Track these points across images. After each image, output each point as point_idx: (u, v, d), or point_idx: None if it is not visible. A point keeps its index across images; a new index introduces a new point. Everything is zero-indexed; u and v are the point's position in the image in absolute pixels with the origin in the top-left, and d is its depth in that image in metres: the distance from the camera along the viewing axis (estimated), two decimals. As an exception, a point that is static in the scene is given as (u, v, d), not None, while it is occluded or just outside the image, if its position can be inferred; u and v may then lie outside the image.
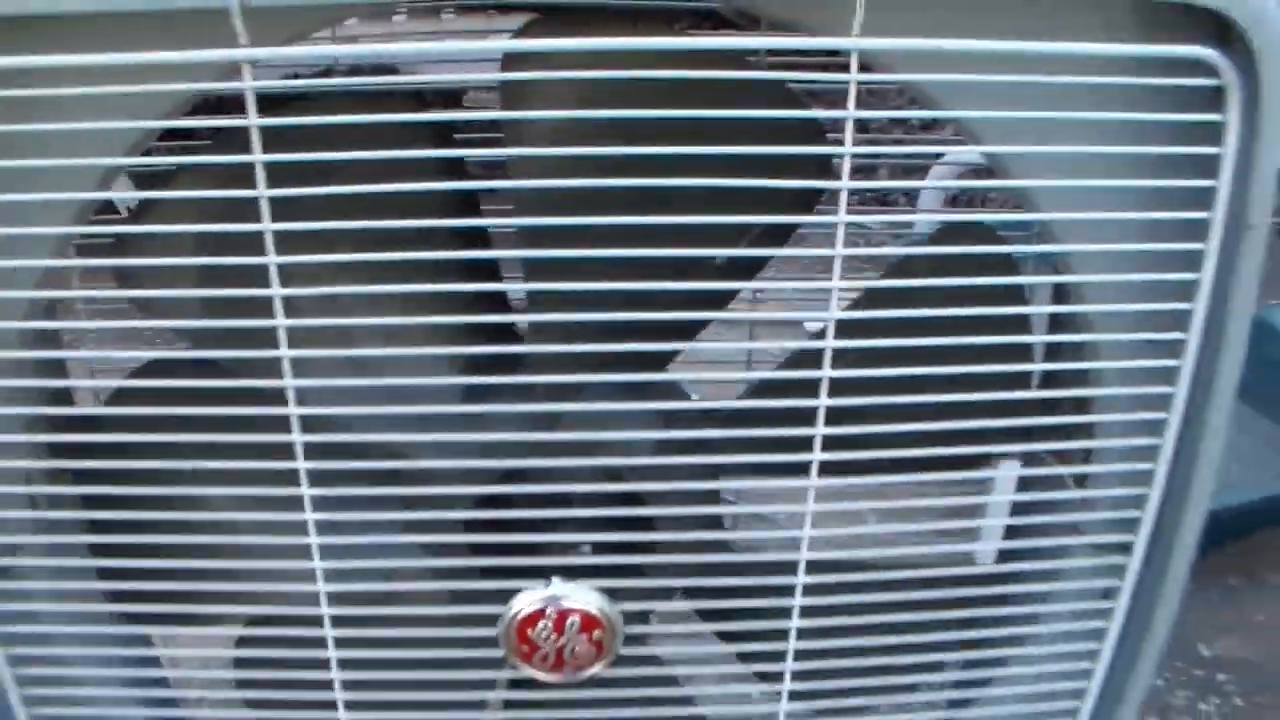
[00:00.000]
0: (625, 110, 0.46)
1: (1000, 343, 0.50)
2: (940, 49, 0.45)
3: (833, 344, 0.49)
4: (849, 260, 0.50)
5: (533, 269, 0.52)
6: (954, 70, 0.47)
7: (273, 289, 0.47)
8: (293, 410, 0.50)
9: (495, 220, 0.52)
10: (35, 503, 0.56)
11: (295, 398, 0.51)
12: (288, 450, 0.52)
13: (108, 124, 0.45)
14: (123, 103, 0.46)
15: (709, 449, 0.54)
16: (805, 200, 0.51)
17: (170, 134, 0.49)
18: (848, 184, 0.46)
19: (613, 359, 0.51)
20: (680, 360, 0.57)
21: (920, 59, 0.46)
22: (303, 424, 0.51)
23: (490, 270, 0.55)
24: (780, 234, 0.54)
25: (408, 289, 0.49)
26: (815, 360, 0.50)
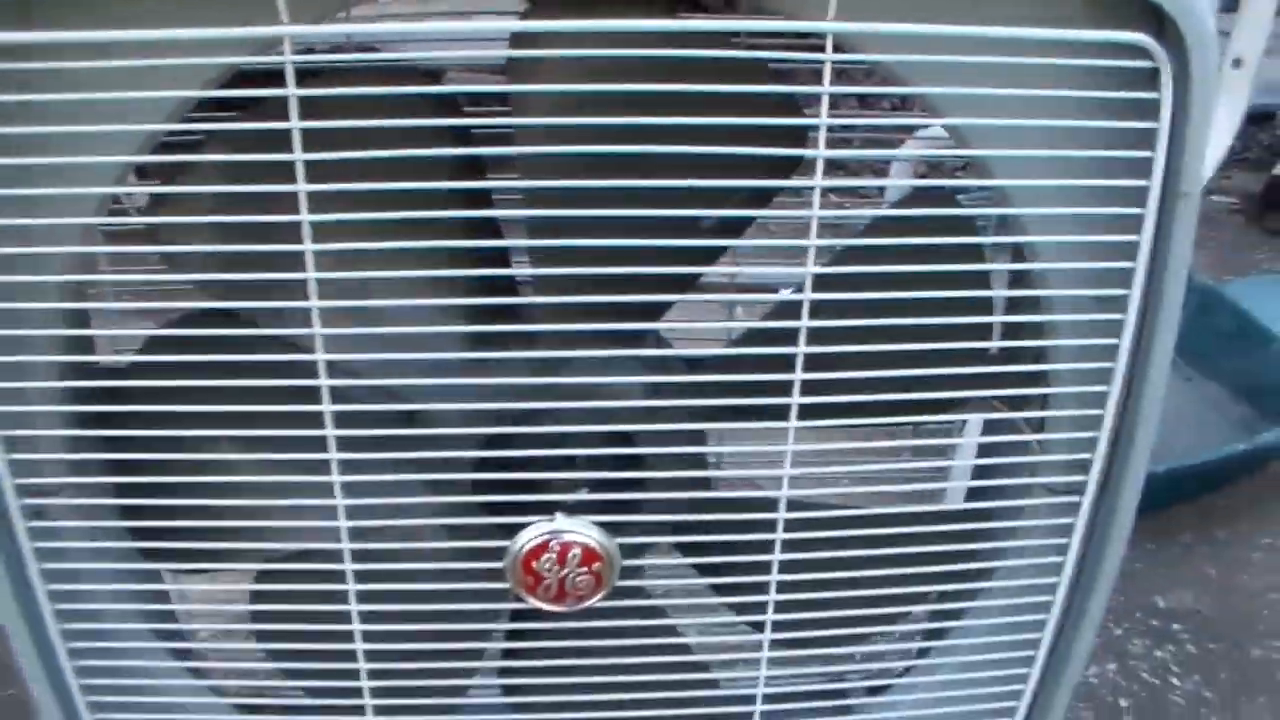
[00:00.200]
0: (619, 85, 0.51)
1: (960, 296, 0.56)
2: (908, 32, 0.50)
3: (809, 296, 0.54)
4: (823, 224, 0.55)
5: (535, 228, 0.57)
6: (921, 52, 0.52)
7: (305, 245, 0.52)
8: (320, 356, 0.55)
9: (499, 182, 0.56)
10: (70, 448, 0.61)
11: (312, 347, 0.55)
12: (312, 396, 0.57)
13: (155, 94, 0.50)
14: (166, 74, 0.50)
15: (696, 394, 0.59)
16: (784, 169, 0.56)
17: (200, 106, 0.54)
18: (823, 153, 0.51)
19: (608, 311, 0.56)
20: (671, 315, 0.62)
21: (889, 41, 0.51)
22: (328, 371, 0.56)
23: (495, 230, 0.60)
24: (761, 200, 0.59)
25: (421, 245, 0.54)
26: (794, 313, 0.55)
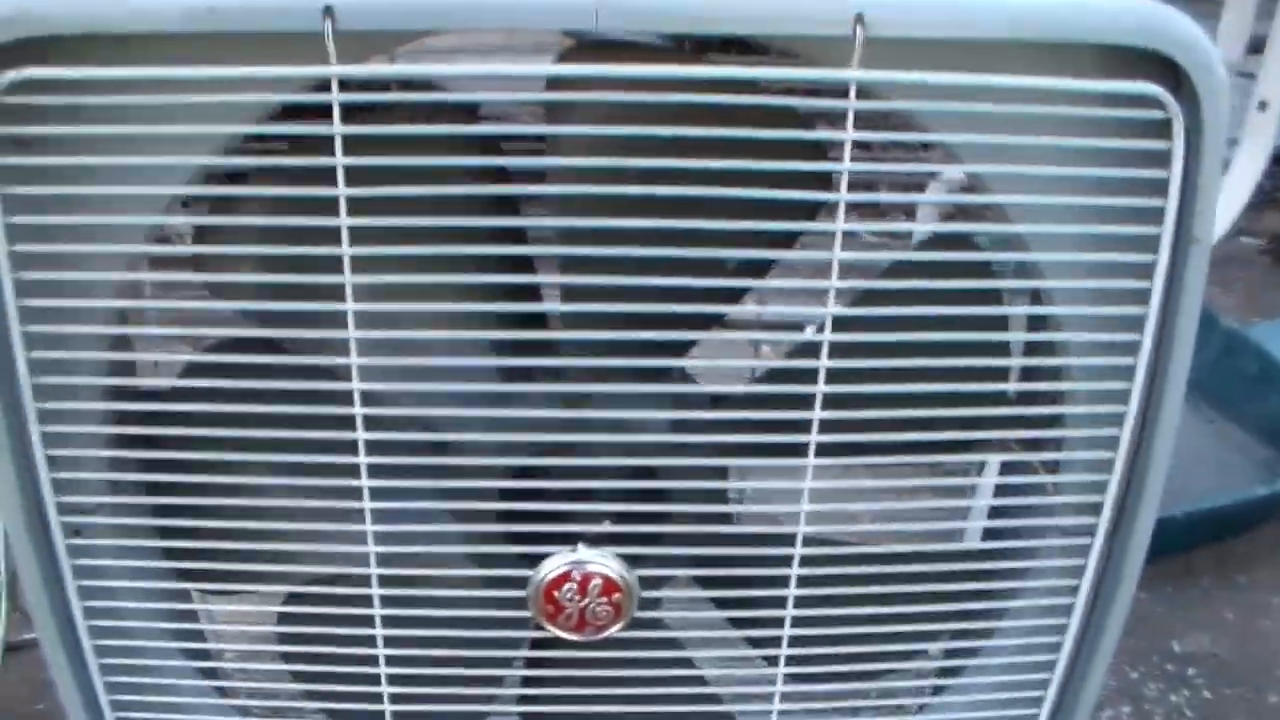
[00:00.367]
0: (651, 128, 0.53)
1: (975, 339, 0.57)
2: (929, 82, 0.52)
3: (828, 337, 0.55)
4: (847, 266, 0.57)
5: (566, 264, 0.59)
6: (941, 99, 0.54)
7: (345, 276, 0.54)
8: (355, 385, 0.57)
9: (532, 220, 0.58)
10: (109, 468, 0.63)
11: (348, 376, 0.57)
12: (346, 424, 0.59)
13: (209, 128, 0.52)
14: (215, 111, 0.53)
15: (718, 431, 0.61)
16: (808, 212, 0.58)
17: (248, 140, 0.56)
18: (845, 196, 0.53)
19: (635, 348, 0.58)
20: (695, 352, 0.64)
21: (910, 89, 0.53)
22: (362, 400, 0.58)
23: (529, 266, 0.62)
24: (787, 241, 0.60)
25: (456, 279, 0.56)
26: (815, 352, 0.57)
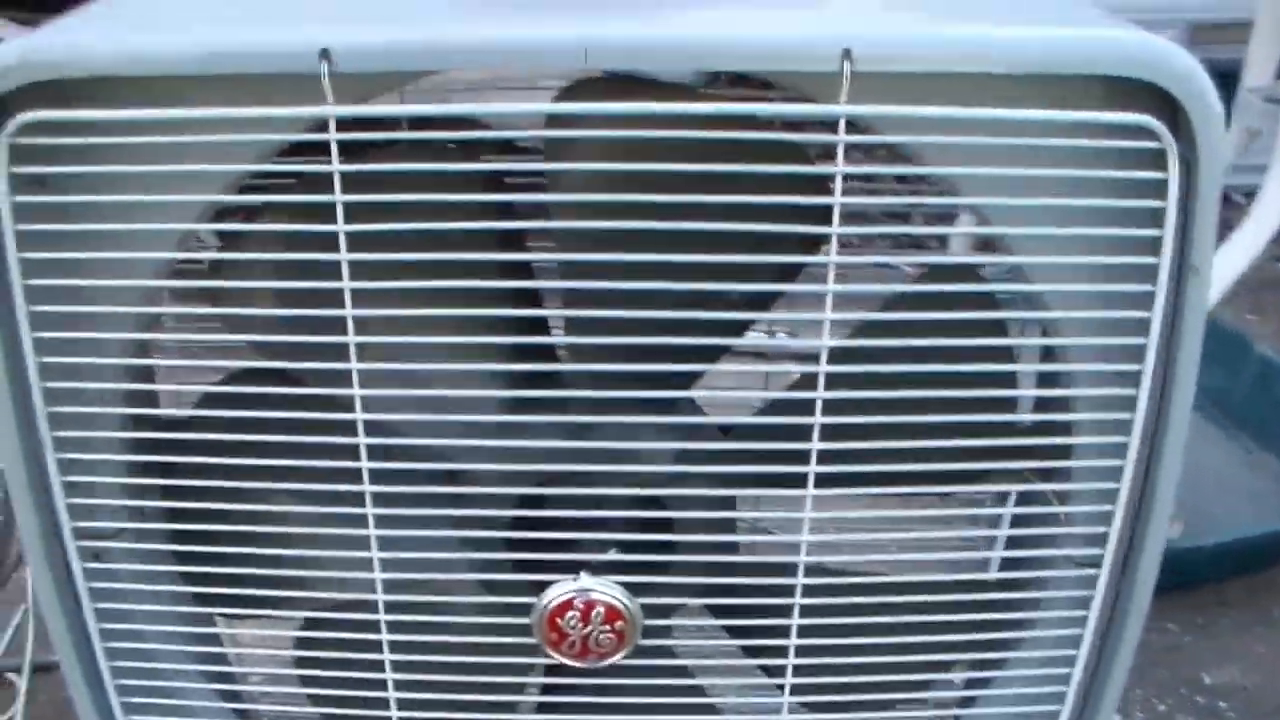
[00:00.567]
0: (650, 164, 0.54)
1: (975, 371, 0.57)
2: (919, 115, 0.52)
3: (823, 369, 0.56)
4: (848, 296, 0.57)
5: (569, 297, 0.60)
6: (936, 133, 0.54)
7: (347, 310, 0.55)
8: (359, 416, 0.58)
9: (537, 255, 0.59)
10: (128, 495, 0.64)
11: (361, 405, 0.58)
12: (352, 453, 0.60)
13: (214, 167, 0.54)
14: (221, 149, 0.54)
15: (721, 461, 0.61)
16: (809, 245, 0.59)
17: (255, 176, 0.58)
18: (837, 229, 0.53)
19: (639, 379, 0.58)
20: (700, 384, 0.65)
21: (905, 122, 0.54)
22: (366, 429, 0.59)
23: (534, 297, 0.63)
24: (788, 275, 0.61)
25: (461, 313, 0.57)
26: (813, 384, 0.57)
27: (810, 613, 0.63)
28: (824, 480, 0.59)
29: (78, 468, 0.62)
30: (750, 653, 0.69)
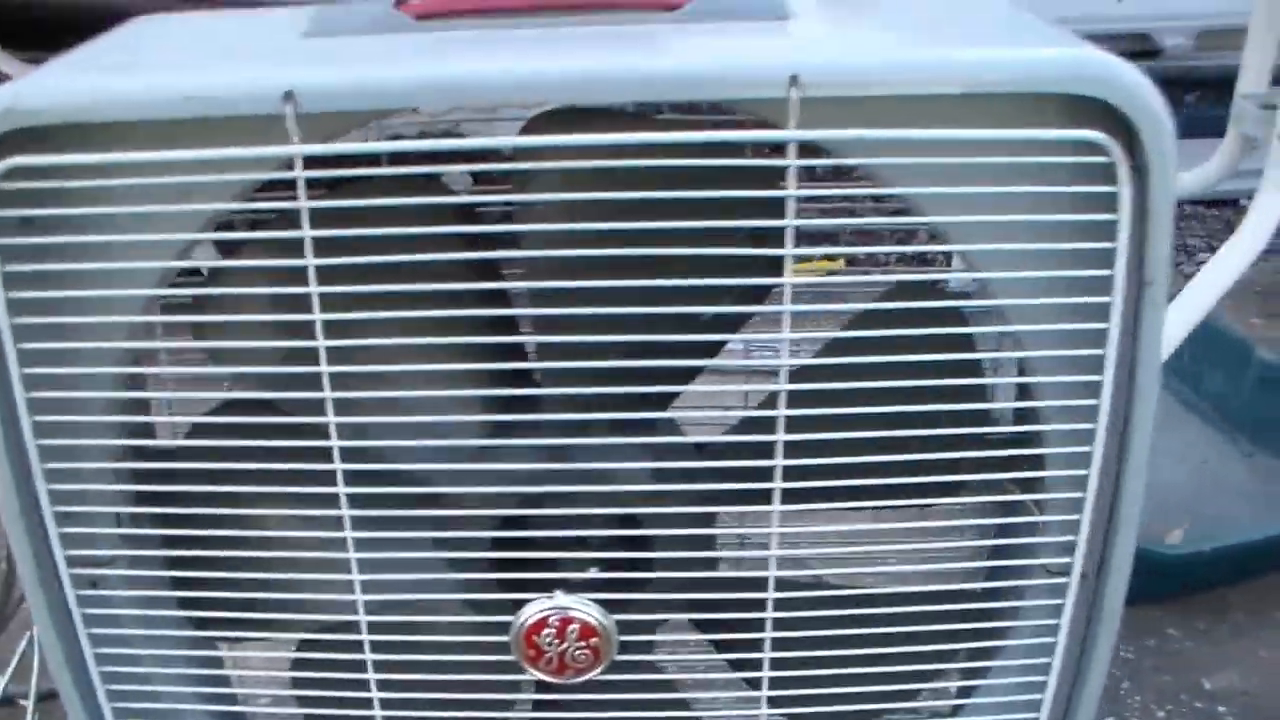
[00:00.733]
0: (615, 193, 0.55)
1: (938, 385, 0.58)
2: (868, 138, 0.54)
3: (785, 387, 0.57)
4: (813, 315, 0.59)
5: (540, 322, 0.61)
6: (889, 154, 0.55)
7: (319, 340, 0.57)
8: (334, 443, 0.60)
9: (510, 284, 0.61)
10: (121, 524, 0.66)
11: (337, 433, 0.60)
12: (332, 478, 0.61)
13: (192, 206, 0.55)
14: (198, 189, 0.56)
15: (693, 479, 0.63)
16: (776, 266, 0.60)
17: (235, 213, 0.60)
18: (790, 250, 0.54)
19: (613, 401, 0.60)
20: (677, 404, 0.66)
21: (859, 144, 0.55)
22: (342, 455, 0.60)
23: (509, 324, 0.65)
24: (757, 295, 0.62)
25: (437, 341, 0.59)
26: (776, 402, 0.59)
27: (783, 626, 0.64)
28: (791, 496, 0.61)
29: (70, 498, 0.64)
30: (733, 665, 0.70)
